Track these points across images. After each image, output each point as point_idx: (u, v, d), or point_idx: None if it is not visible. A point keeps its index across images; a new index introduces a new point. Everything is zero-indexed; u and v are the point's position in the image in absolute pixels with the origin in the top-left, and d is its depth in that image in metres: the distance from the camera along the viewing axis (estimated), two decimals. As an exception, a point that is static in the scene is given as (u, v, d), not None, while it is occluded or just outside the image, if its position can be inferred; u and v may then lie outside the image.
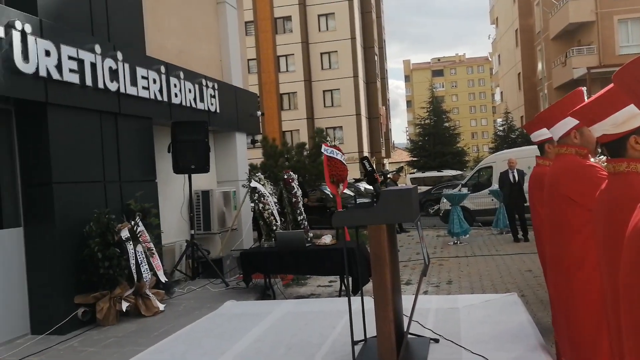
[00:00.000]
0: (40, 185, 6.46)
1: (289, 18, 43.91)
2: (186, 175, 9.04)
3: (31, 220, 6.49)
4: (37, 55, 6.09)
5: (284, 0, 43.38)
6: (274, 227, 9.93)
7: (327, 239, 8.04)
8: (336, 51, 43.54)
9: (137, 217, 7.37)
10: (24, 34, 5.93)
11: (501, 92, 53.51)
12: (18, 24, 5.86)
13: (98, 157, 7.25)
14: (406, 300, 4.95)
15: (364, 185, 20.39)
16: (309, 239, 8.22)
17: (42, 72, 6.16)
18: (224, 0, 11.62)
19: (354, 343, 4.36)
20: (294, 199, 11.33)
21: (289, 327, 5.82)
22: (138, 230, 7.23)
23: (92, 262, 6.61)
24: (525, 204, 12.23)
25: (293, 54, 43.81)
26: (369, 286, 6.33)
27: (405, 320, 4.36)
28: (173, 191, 9.44)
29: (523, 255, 10.80)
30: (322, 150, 11.11)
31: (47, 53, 6.25)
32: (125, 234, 6.84)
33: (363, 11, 47.51)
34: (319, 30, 44.06)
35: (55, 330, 6.29)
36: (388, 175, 18.21)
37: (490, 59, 77.65)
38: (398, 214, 4.16)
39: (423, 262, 4.27)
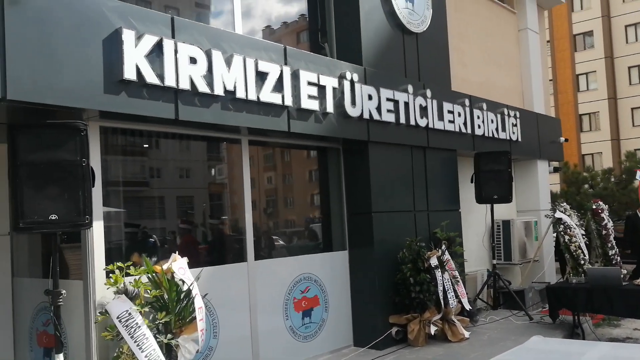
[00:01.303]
0: (362, 214, 7.29)
1: (589, 33, 40.56)
2: (488, 205, 9.12)
3: (354, 245, 7.36)
4: (362, 100, 6.94)
5: (584, 15, 40.30)
6: (582, 262, 9.28)
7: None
8: (647, 63, 38.54)
9: (444, 245, 7.71)
10: (352, 83, 6.84)
11: None
12: (348, 75, 6.79)
13: (409, 188, 7.86)
14: None
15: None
16: (624, 277, 7.53)
17: (366, 114, 6.99)
18: (525, 27, 11.47)
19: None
20: (604, 231, 10.43)
21: (609, 373, 5.38)
22: (444, 258, 7.57)
23: (405, 285, 7.15)
24: None
25: (595, 71, 40.20)
26: None
27: None
28: (475, 220, 9.60)
29: None
30: (637, 177, 10.03)
31: (370, 97, 7.07)
32: (434, 261, 7.23)
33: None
34: (627, 42, 39.60)
35: (373, 345, 6.97)
36: None
37: None
38: None
39: None
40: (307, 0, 7.75)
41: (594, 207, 10.46)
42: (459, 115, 8.63)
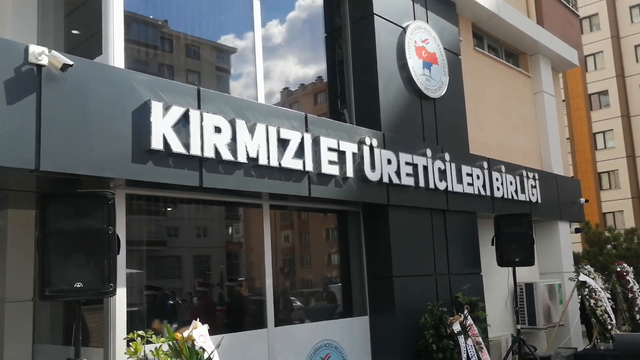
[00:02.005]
0: (383, 278, 7.23)
1: (605, 92, 40.90)
2: (510, 268, 9.00)
3: (375, 310, 7.27)
4: (381, 164, 7.03)
5: (598, 75, 40.77)
6: (609, 327, 9.06)
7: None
8: (666, 121, 38.57)
9: (466, 310, 7.58)
10: (371, 148, 6.94)
11: None
12: (367, 140, 6.91)
13: (429, 252, 7.81)
14: None
15: None
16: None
17: (385, 179, 7.06)
18: (541, 90, 11.65)
19: None
20: (630, 295, 10.22)
21: None
22: (467, 324, 7.42)
23: (428, 352, 7.00)
24: None
25: (612, 129, 40.27)
26: None
27: None
28: (497, 283, 9.45)
29: None
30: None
31: (389, 161, 7.16)
32: (457, 327, 7.09)
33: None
34: (643, 100, 39.81)
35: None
36: None
37: None
38: None
39: None
40: (326, 66, 8.00)
41: (618, 269, 10.29)
42: (478, 177, 8.66)
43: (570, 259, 11.38)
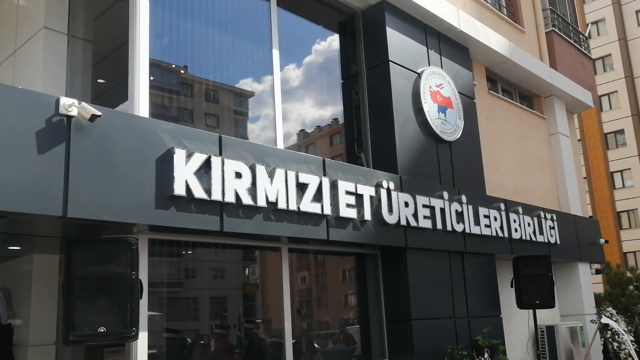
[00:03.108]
0: (401, 322, 7.19)
1: (621, 131, 40.77)
2: (530, 310, 8.88)
3: (394, 353, 7.20)
4: (398, 207, 7.08)
5: (613, 114, 40.74)
6: (634, 371, 8.86)
7: None
8: (683, 159, 38.20)
9: (486, 354, 7.48)
10: (388, 191, 7.01)
11: None
12: (384, 183, 6.99)
13: (448, 294, 7.76)
14: None
15: None
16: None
17: (403, 221, 7.09)
18: (556, 131, 11.70)
19: None
20: (655, 338, 10.01)
21: None
22: (488, 368, 7.32)
23: (448, 398, 6.89)
24: None
25: (629, 168, 39.95)
26: None
27: None
28: (517, 326, 9.32)
29: None
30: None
31: (406, 204, 7.21)
32: (478, 372, 7.00)
33: None
34: (660, 139, 39.57)
35: None
36: None
37: None
38: None
39: None
40: (343, 110, 8.16)
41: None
42: (495, 219, 8.66)
43: (591, 301, 11.20)
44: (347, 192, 6.52)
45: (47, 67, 6.10)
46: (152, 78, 5.74)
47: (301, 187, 6.02)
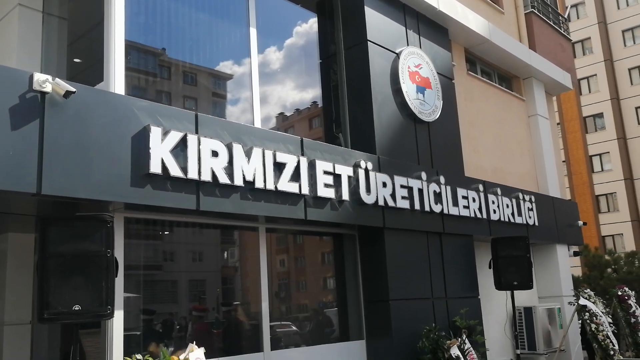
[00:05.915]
0: (379, 302, 7.25)
1: (600, 115, 41.21)
2: (508, 291, 9.00)
3: (372, 334, 7.27)
4: (376, 187, 7.11)
5: (592, 97, 41.15)
6: (612, 352, 9.02)
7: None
8: (663, 141, 38.77)
9: (464, 335, 7.57)
10: (366, 171, 7.03)
11: None
12: (362, 163, 7.00)
13: (426, 275, 7.83)
14: None
15: None
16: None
17: (380, 201, 7.13)
18: (535, 113, 11.79)
19: None
20: (632, 319, 10.18)
21: None
22: (465, 348, 7.41)
23: (426, 377, 6.99)
24: None
25: (608, 152, 40.46)
26: None
27: None
28: (495, 307, 9.44)
29: None
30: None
31: (384, 184, 7.24)
32: (455, 351, 7.08)
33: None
34: (638, 122, 40.08)
35: None
36: None
37: None
38: None
39: None
40: (321, 91, 8.14)
41: (619, 293, 10.26)
42: (474, 200, 8.73)
43: (569, 283, 11.38)
44: (325, 172, 6.53)
45: (22, 45, 5.99)
46: (129, 58, 5.67)
47: (279, 167, 6.01)
